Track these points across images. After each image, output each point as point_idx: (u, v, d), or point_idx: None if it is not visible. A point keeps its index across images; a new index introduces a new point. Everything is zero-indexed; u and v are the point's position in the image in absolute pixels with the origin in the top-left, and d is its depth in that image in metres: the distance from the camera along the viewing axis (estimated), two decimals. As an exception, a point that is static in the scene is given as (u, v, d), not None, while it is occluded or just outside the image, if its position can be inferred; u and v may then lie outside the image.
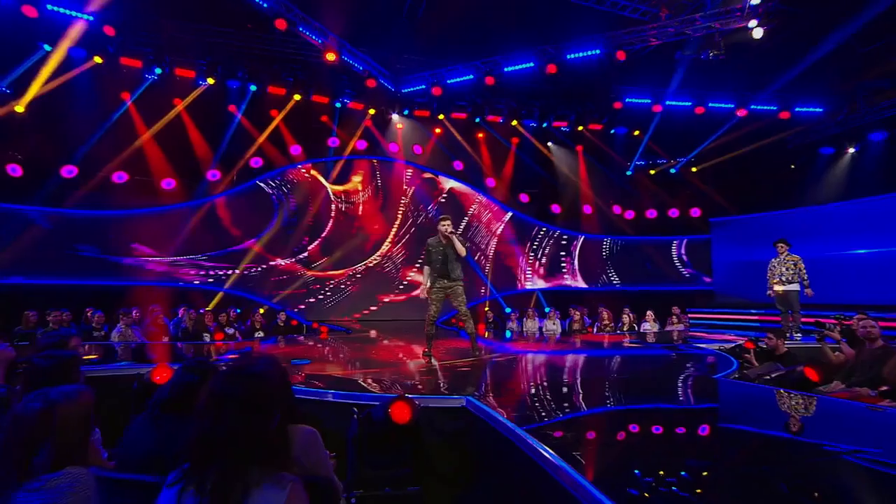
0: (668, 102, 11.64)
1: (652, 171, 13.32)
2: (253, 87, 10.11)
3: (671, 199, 13.02)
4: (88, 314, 7.67)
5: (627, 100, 11.71)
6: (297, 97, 10.64)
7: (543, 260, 12.51)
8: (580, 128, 12.51)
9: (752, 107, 11.44)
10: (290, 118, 10.83)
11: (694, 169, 13.10)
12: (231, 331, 8.80)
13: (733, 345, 5.79)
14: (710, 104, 11.57)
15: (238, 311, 9.66)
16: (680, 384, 4.08)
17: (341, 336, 9.25)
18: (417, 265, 11.41)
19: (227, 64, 9.45)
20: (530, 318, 9.95)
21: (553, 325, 9.51)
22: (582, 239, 12.83)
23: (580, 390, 3.93)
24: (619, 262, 12.80)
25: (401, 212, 11.94)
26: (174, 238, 9.56)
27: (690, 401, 3.54)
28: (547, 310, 10.31)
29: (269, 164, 10.82)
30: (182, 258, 9.76)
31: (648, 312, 9.40)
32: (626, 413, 3.12)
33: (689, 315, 9.96)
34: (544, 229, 12.69)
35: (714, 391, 3.81)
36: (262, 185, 10.68)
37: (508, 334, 9.60)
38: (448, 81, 10.73)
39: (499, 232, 12.48)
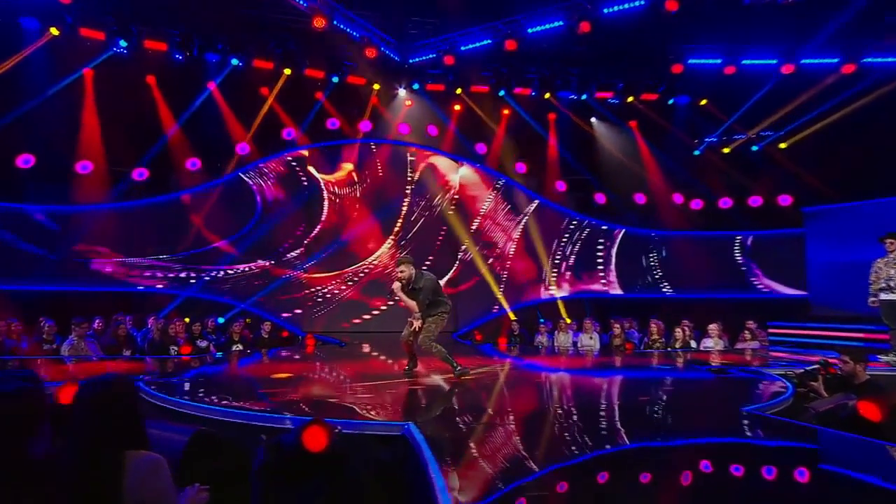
0: (744, 62, 10.79)
1: (726, 150, 12.47)
2: (235, 62, 10.23)
3: (752, 183, 12.12)
4: (42, 324, 7.87)
5: (690, 61, 11.02)
6: (287, 72, 10.69)
7: (572, 260, 12.04)
8: (630, 99, 11.93)
9: (864, 60, 10.32)
10: (280, 96, 10.90)
11: (783, 145, 12.08)
12: (204, 343, 8.86)
13: (807, 368, 5.12)
14: (803, 60, 10.58)
15: (220, 320, 9.74)
16: (682, 418, 4.03)
17: (332, 350, 9.23)
18: (424, 268, 11.16)
19: (204, 34, 9.61)
20: (562, 331, 9.68)
21: (590, 340, 9.15)
22: (622, 233, 12.21)
23: (545, 424, 3.86)
24: (676, 263, 12.05)
25: (405, 204, 11.77)
26: (146, 236, 9.80)
27: (670, 440, 3.40)
28: (570, 321, 10.06)
29: (256, 151, 10.91)
30: (150, 259, 9.97)
31: (711, 326, 8.85)
32: (578, 467, 2.88)
33: (776, 330, 9.30)
34: (576, 221, 12.17)
35: (718, 428, 3.70)
36: (244, 177, 10.79)
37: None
38: (462, 48, 10.50)
39: (521, 226, 12.07)
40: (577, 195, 12.34)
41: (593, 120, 12.42)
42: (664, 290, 12.06)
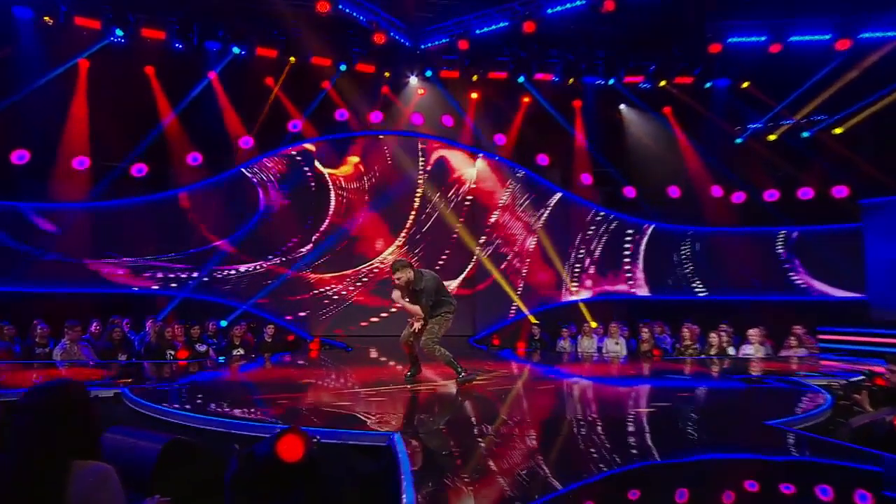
0: (793, 38, 10.40)
1: (772, 137, 12.03)
2: (236, 50, 10.33)
3: (802, 174, 11.70)
4: (36, 327, 7.99)
5: (730, 40, 10.67)
6: (291, 60, 10.74)
7: (597, 258, 11.83)
8: (662, 83, 11.64)
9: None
10: (284, 86, 10.96)
11: (838, 130, 11.59)
12: (203, 347, 8.90)
13: (852, 379, 4.90)
14: (861, 34, 10.11)
15: (222, 323, 9.81)
16: (694, 431, 4.02)
17: (338, 354, 9.26)
18: (439, 266, 11.18)
19: (203, 21, 9.71)
20: (587, 336, 9.54)
21: (616, 346, 8.99)
22: (651, 230, 11.91)
23: (542, 438, 3.84)
24: (713, 261, 11.70)
25: (417, 199, 11.70)
26: (143, 235, 9.93)
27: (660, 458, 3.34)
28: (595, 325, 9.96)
29: (260, 145, 10.98)
30: (147, 260, 10.10)
31: (751, 331, 8.55)
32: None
33: (827, 336, 9.03)
34: (601, 215, 11.92)
35: (730, 443, 3.68)
36: (247, 172, 10.86)
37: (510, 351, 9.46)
38: (476, 32, 10.40)
39: (542, 222, 11.90)
40: (604, 189, 12.12)
41: (622, 107, 12.20)
42: (698, 291, 11.75)
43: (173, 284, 10.29)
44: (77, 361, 7.52)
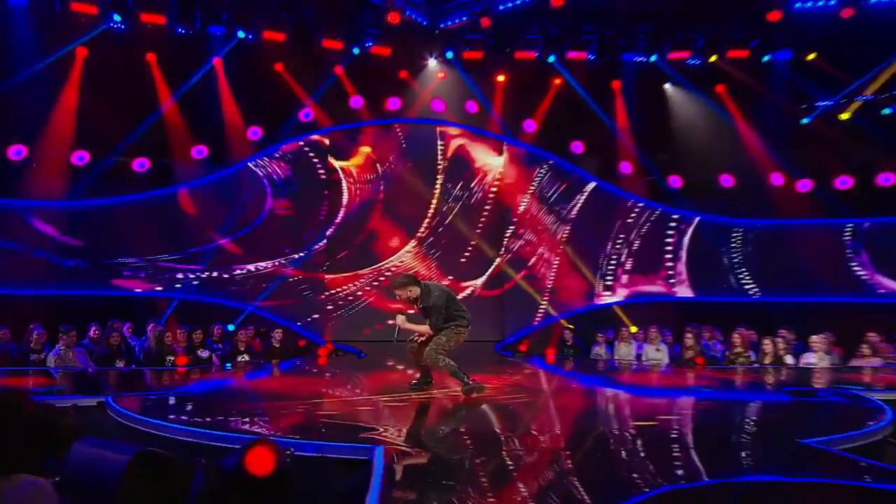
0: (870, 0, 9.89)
1: (844, 116, 11.42)
2: (241, 34, 10.42)
3: (883, 157, 11.13)
4: (33, 331, 8.17)
5: (793, 5, 10.23)
6: (301, 44, 10.66)
7: (634, 255, 11.54)
8: (713, 58, 11.24)
9: None
10: (294, 73, 10.98)
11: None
12: (205, 353, 9.00)
13: None
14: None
15: (229, 328, 9.91)
16: (709, 450, 3.93)
17: (350, 360, 9.29)
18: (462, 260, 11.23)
19: (206, 4, 9.81)
20: (624, 342, 9.39)
21: (656, 352, 8.88)
22: (697, 223, 11.50)
23: (535, 456, 3.81)
24: (770, 258, 11.24)
25: (436, 193, 11.62)
26: (144, 234, 10.05)
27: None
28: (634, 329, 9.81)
29: (269, 136, 11.05)
30: (148, 260, 10.27)
31: (814, 338, 8.28)
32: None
33: None
34: (639, 207, 11.58)
35: (748, 462, 3.65)
36: (253, 166, 10.94)
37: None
38: (500, 7, 10.27)
39: (574, 214, 11.66)
40: (646, 178, 11.79)
41: (667, 86, 11.87)
42: (751, 292, 11.32)
43: (178, 286, 10.44)
44: (70, 368, 7.73)
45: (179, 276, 10.39)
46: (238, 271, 10.71)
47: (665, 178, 11.77)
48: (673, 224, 11.62)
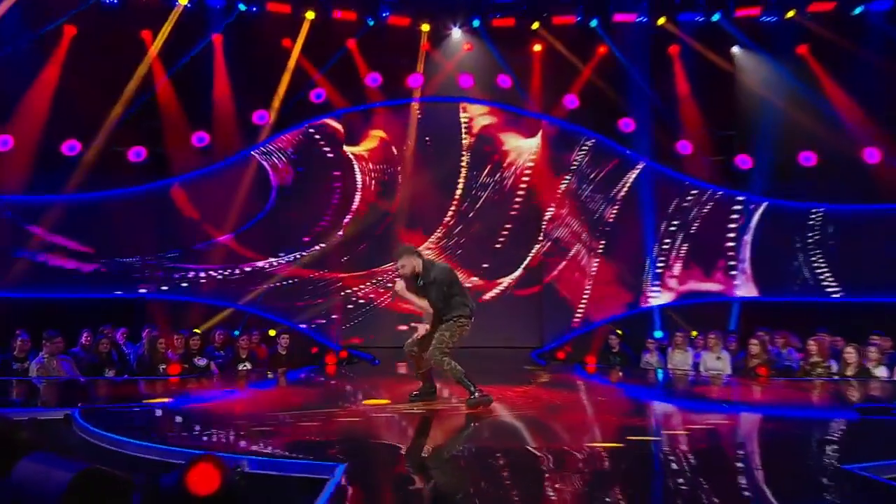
0: None
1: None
2: (243, 6, 10.51)
3: None
4: (17, 338, 8.26)
5: None
6: (309, 15, 10.77)
7: (688, 248, 11.30)
8: (790, 13, 10.78)
9: None
10: (303, 49, 11.02)
11: None
12: (203, 361, 9.00)
13: None
14: None
15: (234, 333, 9.95)
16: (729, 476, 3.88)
17: (362, 368, 9.38)
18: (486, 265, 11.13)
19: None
20: (679, 349, 9.19)
21: (717, 361, 8.68)
22: (764, 208, 11.12)
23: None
24: (859, 252, 10.74)
25: (461, 183, 11.53)
26: (138, 230, 10.22)
27: None
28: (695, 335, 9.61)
29: (277, 120, 11.09)
30: (142, 259, 10.51)
31: None
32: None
33: None
34: (695, 191, 11.21)
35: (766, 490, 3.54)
36: (257, 155, 11.01)
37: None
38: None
39: (620, 200, 11.42)
40: (709, 158, 11.45)
41: (735, 50, 11.43)
42: (831, 291, 10.85)
43: (184, 285, 10.66)
44: (56, 378, 7.86)
45: (189, 276, 10.63)
46: (242, 269, 10.84)
47: (732, 157, 11.43)
48: (736, 210, 11.29)
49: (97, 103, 9.77)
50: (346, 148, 11.42)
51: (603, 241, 11.36)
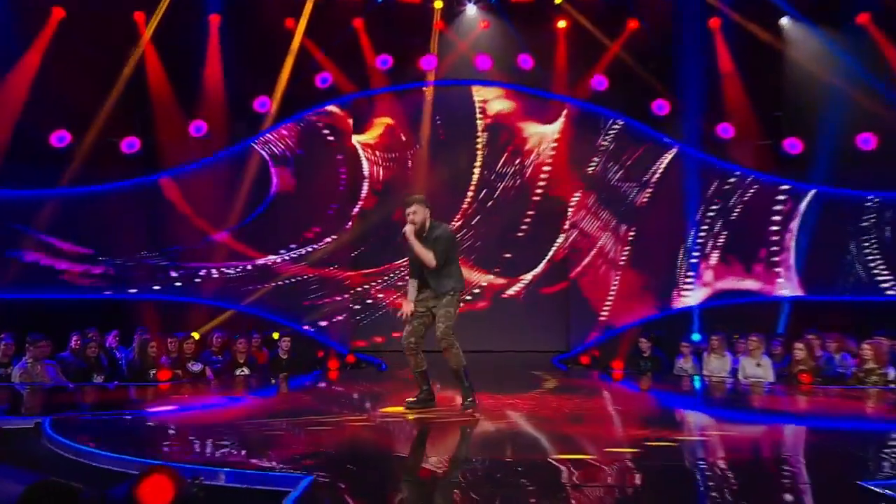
0: None
1: None
2: (240, -15, 10.57)
3: None
4: (1, 342, 8.32)
5: None
6: (312, -7, 10.76)
7: (730, 242, 11.16)
8: None
9: None
10: (307, 29, 10.96)
11: None
12: (197, 366, 8.95)
13: None
14: None
15: (237, 337, 9.94)
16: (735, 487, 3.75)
17: (368, 373, 9.46)
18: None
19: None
20: (716, 353, 9.06)
21: (757, 367, 8.58)
22: (811, 197, 10.85)
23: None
24: None
25: (476, 173, 11.44)
26: (127, 228, 10.37)
27: None
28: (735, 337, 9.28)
29: (280, 107, 11.05)
30: (132, 258, 10.59)
31: None
32: None
33: None
34: (735, 177, 10.98)
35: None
36: (257, 146, 11.05)
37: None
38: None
39: (651, 190, 11.28)
40: (755, 143, 11.22)
41: (783, 21, 11.19)
42: (887, 289, 10.58)
43: (177, 284, 10.75)
44: (39, 384, 7.88)
45: (170, 274, 10.70)
46: (243, 267, 10.89)
47: (780, 141, 11.15)
48: (780, 199, 11.04)
49: (86, 91, 9.81)
50: (354, 137, 11.43)
51: (633, 231, 11.26)
